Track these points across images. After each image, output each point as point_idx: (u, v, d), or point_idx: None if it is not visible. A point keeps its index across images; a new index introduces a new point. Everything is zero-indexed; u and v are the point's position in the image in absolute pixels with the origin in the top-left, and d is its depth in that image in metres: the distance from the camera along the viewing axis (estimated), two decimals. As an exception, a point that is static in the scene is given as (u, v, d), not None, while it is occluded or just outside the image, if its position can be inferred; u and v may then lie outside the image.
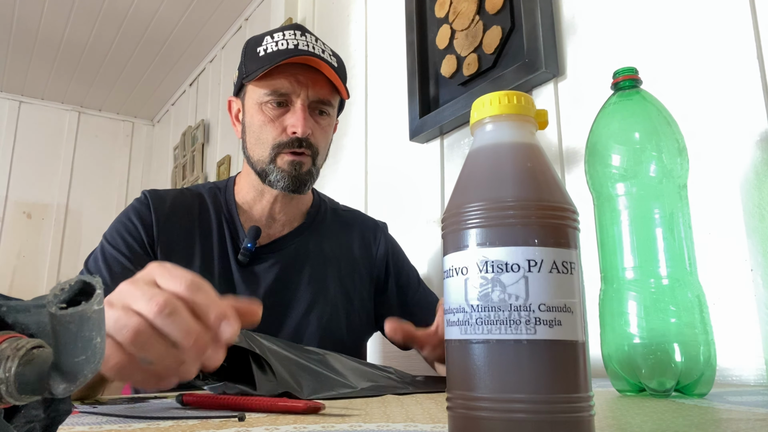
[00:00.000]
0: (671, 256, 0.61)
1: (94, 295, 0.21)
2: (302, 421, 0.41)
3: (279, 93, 0.90)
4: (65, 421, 0.29)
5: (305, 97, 0.91)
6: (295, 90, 0.90)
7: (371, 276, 1.05)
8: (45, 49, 2.96)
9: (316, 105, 0.92)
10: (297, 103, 0.90)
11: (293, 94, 0.91)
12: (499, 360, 0.30)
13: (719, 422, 0.41)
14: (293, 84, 0.90)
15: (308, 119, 0.90)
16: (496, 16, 1.23)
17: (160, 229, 0.92)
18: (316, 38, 0.94)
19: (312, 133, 0.91)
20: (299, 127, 0.89)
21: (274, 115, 0.91)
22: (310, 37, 0.93)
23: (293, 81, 0.90)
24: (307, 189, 0.93)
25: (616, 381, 0.63)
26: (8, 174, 3.35)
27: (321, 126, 0.93)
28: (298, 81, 0.90)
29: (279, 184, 0.91)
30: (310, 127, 0.90)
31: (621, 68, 0.68)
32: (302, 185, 0.92)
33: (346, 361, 0.69)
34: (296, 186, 0.91)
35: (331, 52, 0.96)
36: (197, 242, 0.93)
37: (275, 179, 0.91)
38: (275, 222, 0.98)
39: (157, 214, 0.93)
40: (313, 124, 0.92)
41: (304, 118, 0.90)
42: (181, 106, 3.41)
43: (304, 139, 0.90)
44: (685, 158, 0.64)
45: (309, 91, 0.91)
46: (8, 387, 0.21)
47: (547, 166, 0.34)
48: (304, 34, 0.93)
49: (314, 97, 0.91)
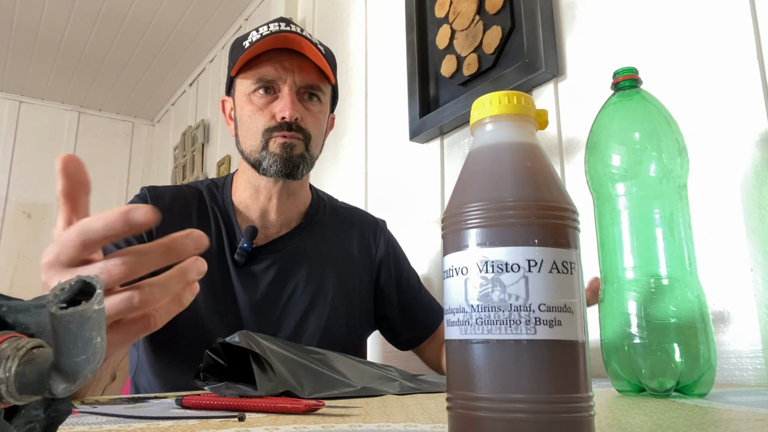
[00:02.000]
0: (671, 256, 0.61)
1: (94, 294, 0.21)
2: (302, 421, 0.41)
3: (265, 80, 0.90)
4: (65, 421, 0.29)
5: (292, 82, 0.90)
6: (281, 76, 0.90)
7: (371, 275, 1.05)
8: (45, 49, 2.96)
9: (305, 90, 0.92)
10: (284, 89, 0.90)
11: (280, 80, 0.90)
12: (499, 360, 0.30)
13: (719, 422, 0.41)
14: (278, 70, 0.90)
15: (296, 103, 0.90)
16: (496, 16, 1.23)
17: (159, 225, 0.91)
18: (301, 29, 0.94)
19: (302, 118, 0.90)
20: (287, 111, 0.88)
21: (262, 103, 0.91)
22: (295, 27, 0.93)
23: (279, 67, 0.90)
24: (300, 174, 0.92)
25: (616, 381, 0.63)
26: (8, 174, 3.35)
27: (312, 112, 0.93)
28: (283, 67, 0.90)
29: (272, 168, 0.90)
30: (299, 111, 0.90)
31: (621, 68, 0.68)
32: (295, 168, 0.90)
33: (347, 360, 0.69)
34: (289, 169, 0.90)
35: (318, 42, 0.96)
36: None
37: (268, 165, 0.90)
38: (272, 222, 0.97)
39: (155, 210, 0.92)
40: (302, 109, 0.91)
41: (292, 101, 0.89)
42: (181, 106, 3.41)
43: (293, 123, 0.89)
44: (685, 158, 0.64)
45: (296, 77, 0.90)
46: (8, 387, 0.21)
47: (547, 166, 0.34)
48: (289, 25, 0.93)
49: (302, 83, 0.91)
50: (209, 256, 0.92)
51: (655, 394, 0.59)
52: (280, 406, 0.47)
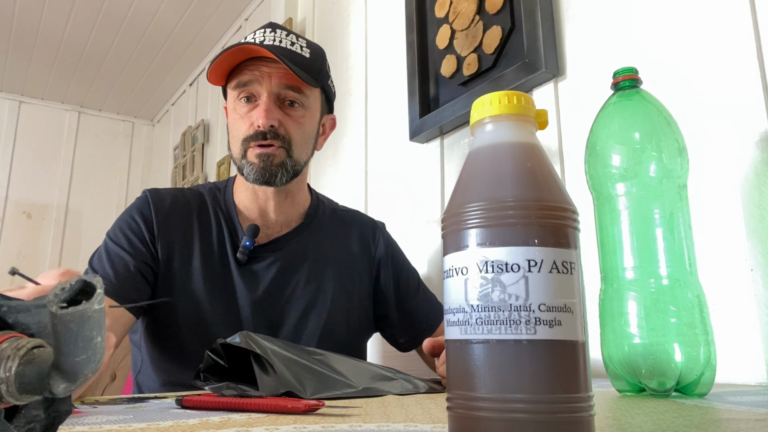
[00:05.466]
0: (671, 256, 0.61)
1: (95, 294, 0.21)
2: (302, 421, 0.41)
3: (242, 85, 0.91)
4: (65, 421, 0.29)
5: (269, 89, 0.91)
6: (259, 82, 0.91)
7: (370, 276, 1.05)
8: (45, 49, 2.96)
9: (284, 96, 0.92)
10: (263, 96, 0.91)
11: (258, 87, 0.91)
12: (499, 360, 0.30)
13: (719, 422, 0.41)
14: (255, 76, 0.91)
15: (272, 111, 0.90)
16: (496, 16, 1.23)
17: (160, 227, 0.92)
18: (288, 32, 0.94)
19: (280, 125, 0.91)
20: (261, 119, 0.89)
21: (243, 111, 0.92)
22: (281, 32, 0.94)
23: (256, 73, 0.91)
24: (280, 181, 0.92)
25: (616, 381, 0.63)
26: (8, 174, 3.35)
27: (292, 117, 0.93)
28: (260, 73, 0.91)
29: (250, 177, 0.92)
30: (275, 119, 0.90)
31: (621, 68, 0.68)
32: (272, 176, 0.91)
33: (348, 360, 0.69)
34: (265, 178, 0.91)
35: (306, 44, 0.95)
36: (196, 241, 0.93)
37: (247, 173, 0.92)
38: (272, 222, 0.98)
39: (157, 212, 0.93)
40: (281, 115, 0.91)
41: (266, 109, 0.90)
42: (181, 106, 3.41)
43: (269, 131, 0.90)
44: (685, 158, 0.64)
45: (273, 83, 0.91)
46: (9, 387, 0.21)
47: (547, 166, 0.34)
48: (274, 30, 0.93)
49: (278, 88, 0.91)
50: (212, 257, 0.93)
51: (655, 394, 0.59)
52: (280, 406, 0.47)
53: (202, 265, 0.92)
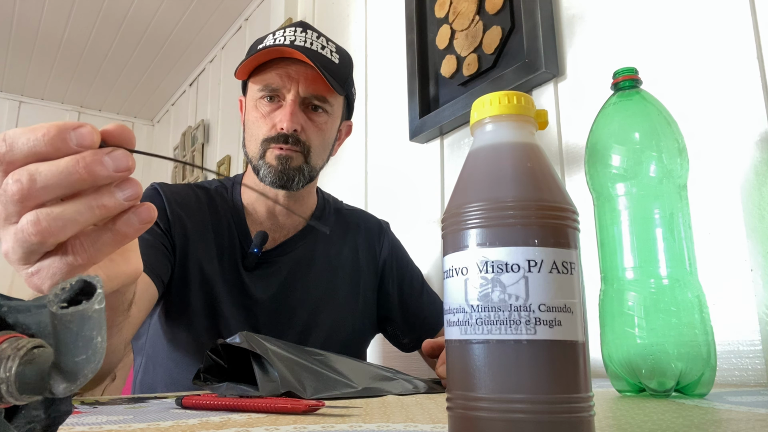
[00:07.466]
0: (671, 257, 0.61)
1: (95, 294, 0.21)
2: (302, 421, 0.41)
3: (270, 88, 0.89)
4: (65, 421, 0.29)
5: (296, 92, 0.89)
6: (286, 85, 0.89)
7: (375, 277, 1.05)
8: (45, 49, 2.96)
9: (309, 101, 0.90)
10: (288, 98, 0.89)
11: (284, 89, 0.89)
12: (499, 360, 0.30)
13: (719, 422, 0.41)
14: (283, 79, 0.89)
15: (296, 114, 0.88)
16: (496, 16, 1.23)
17: (174, 218, 0.90)
18: (318, 35, 0.93)
19: (302, 130, 0.89)
20: (285, 122, 0.87)
21: (266, 111, 0.90)
22: (312, 33, 0.92)
23: (284, 76, 0.89)
24: (296, 186, 0.90)
25: (616, 381, 0.63)
26: (8, 174, 3.35)
27: (315, 123, 0.91)
28: (288, 76, 0.89)
29: (266, 179, 0.89)
30: (299, 123, 0.88)
31: (621, 68, 0.68)
32: (289, 181, 0.89)
33: (348, 361, 0.70)
34: (283, 181, 0.89)
35: (335, 48, 0.94)
36: (211, 242, 0.92)
37: (263, 174, 0.89)
38: (281, 224, 0.97)
39: (170, 204, 0.91)
40: (304, 120, 0.89)
41: (291, 113, 0.88)
42: (181, 106, 3.41)
43: (291, 135, 0.88)
44: (685, 158, 0.64)
45: (300, 87, 0.89)
46: (9, 387, 0.21)
47: (547, 166, 0.34)
48: (305, 31, 0.91)
49: (306, 93, 0.89)
50: (222, 260, 0.92)
51: (655, 394, 0.59)
52: (280, 406, 0.47)
53: (215, 267, 0.91)
